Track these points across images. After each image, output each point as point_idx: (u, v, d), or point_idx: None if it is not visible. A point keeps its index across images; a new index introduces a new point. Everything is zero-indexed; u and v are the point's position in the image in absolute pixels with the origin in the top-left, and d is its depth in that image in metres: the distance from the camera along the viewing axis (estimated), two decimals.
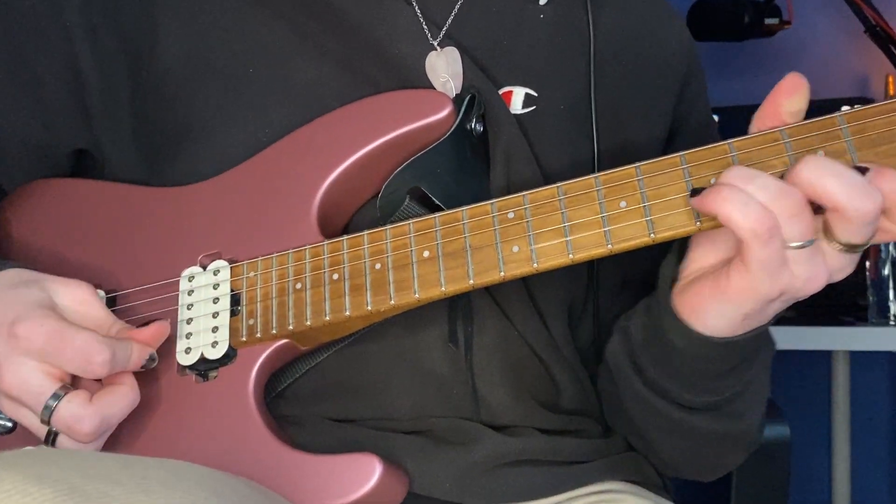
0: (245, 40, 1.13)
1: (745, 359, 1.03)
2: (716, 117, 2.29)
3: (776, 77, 0.96)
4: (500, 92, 1.13)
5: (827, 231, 0.89)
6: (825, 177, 0.86)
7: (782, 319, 1.04)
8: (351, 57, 1.12)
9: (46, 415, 0.96)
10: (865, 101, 2.68)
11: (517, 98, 1.14)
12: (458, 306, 1.09)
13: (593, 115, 1.14)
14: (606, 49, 1.19)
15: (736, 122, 1.34)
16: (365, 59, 1.12)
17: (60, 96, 1.17)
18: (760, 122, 0.95)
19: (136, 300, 1.09)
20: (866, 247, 0.89)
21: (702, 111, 1.28)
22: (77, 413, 0.97)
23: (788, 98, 0.93)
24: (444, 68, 1.11)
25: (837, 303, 2.59)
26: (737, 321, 0.96)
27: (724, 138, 1.23)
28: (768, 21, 2.89)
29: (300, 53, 1.12)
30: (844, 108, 0.92)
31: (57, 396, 0.96)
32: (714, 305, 0.95)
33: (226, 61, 1.12)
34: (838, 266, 0.91)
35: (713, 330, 0.97)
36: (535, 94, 1.15)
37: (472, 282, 0.97)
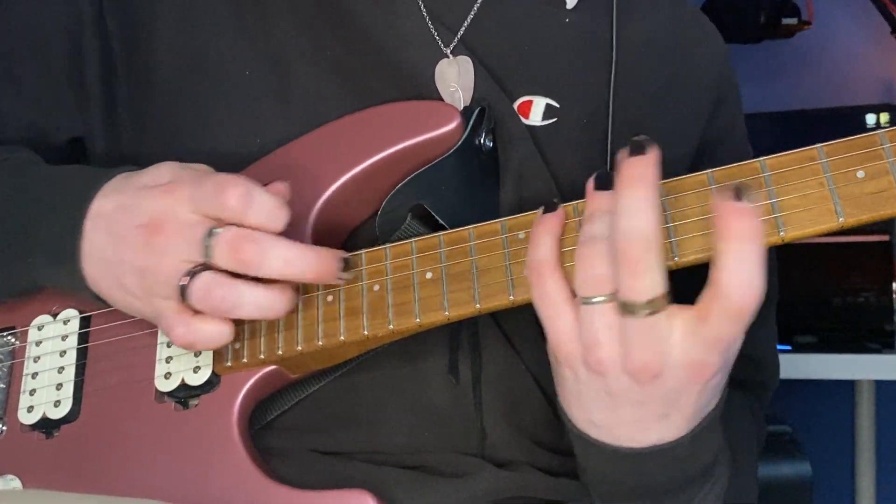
0: (243, 40, 1.14)
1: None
2: None
3: (795, 82, 0.96)
4: (519, 102, 1.14)
5: None
6: None
7: (803, 346, 1.03)
8: (354, 64, 1.13)
9: (206, 248, 0.97)
10: (892, 108, 2.70)
11: (537, 108, 1.15)
12: (460, 335, 1.10)
13: (609, 131, 1.15)
14: (631, 62, 1.19)
15: (751, 131, 1.35)
16: (369, 67, 1.13)
17: (63, 69, 1.19)
18: None
19: (114, 320, 1.10)
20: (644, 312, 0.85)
21: (736, 141, 1.29)
22: (244, 233, 0.97)
23: None
24: (455, 78, 1.12)
25: (861, 328, 2.60)
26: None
27: None
28: (786, 21, 2.91)
29: (300, 57, 1.13)
30: (869, 116, 0.93)
31: (213, 233, 0.97)
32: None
33: (219, 61, 1.14)
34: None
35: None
36: (557, 106, 1.15)
37: (478, 306, 0.97)
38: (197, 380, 1.05)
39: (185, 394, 1.06)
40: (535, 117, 1.15)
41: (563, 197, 1.08)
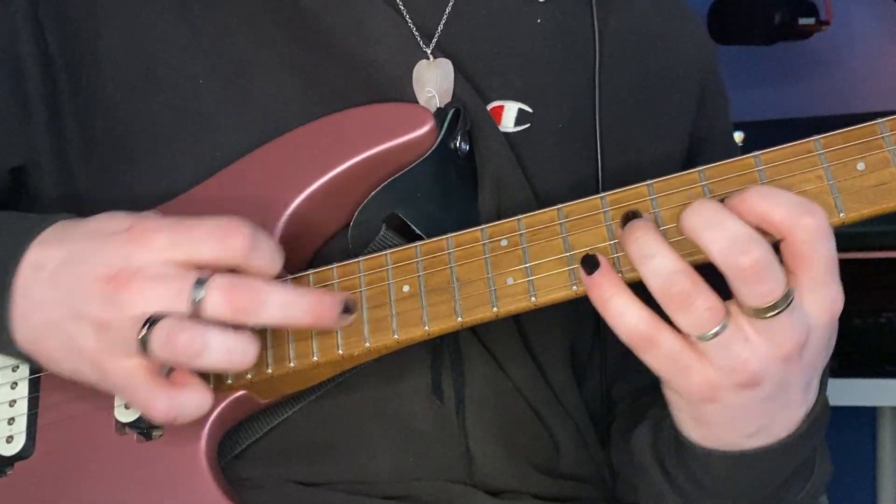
0: (194, 47, 1.14)
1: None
2: (741, 133, 2.31)
3: (812, 86, 0.96)
4: (490, 107, 1.15)
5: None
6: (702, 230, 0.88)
7: None
8: (318, 68, 1.14)
9: (195, 299, 0.94)
10: None
11: (509, 114, 1.16)
12: (442, 352, 1.11)
13: (597, 132, 1.16)
14: (610, 57, 1.21)
15: (764, 138, 1.37)
16: (333, 69, 1.14)
17: (3, 97, 1.18)
18: None
19: None
20: (784, 306, 0.89)
21: (723, 129, 1.31)
22: (238, 279, 0.95)
23: None
24: (433, 82, 1.14)
25: (884, 351, 2.59)
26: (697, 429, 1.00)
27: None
28: (803, 21, 2.92)
29: (259, 63, 1.14)
30: None
31: (201, 282, 0.95)
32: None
33: (171, 71, 1.14)
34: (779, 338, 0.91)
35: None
36: (530, 111, 1.17)
37: (460, 319, 0.98)
38: None
39: (147, 424, 1.05)
40: (508, 123, 1.16)
41: (541, 204, 1.08)
